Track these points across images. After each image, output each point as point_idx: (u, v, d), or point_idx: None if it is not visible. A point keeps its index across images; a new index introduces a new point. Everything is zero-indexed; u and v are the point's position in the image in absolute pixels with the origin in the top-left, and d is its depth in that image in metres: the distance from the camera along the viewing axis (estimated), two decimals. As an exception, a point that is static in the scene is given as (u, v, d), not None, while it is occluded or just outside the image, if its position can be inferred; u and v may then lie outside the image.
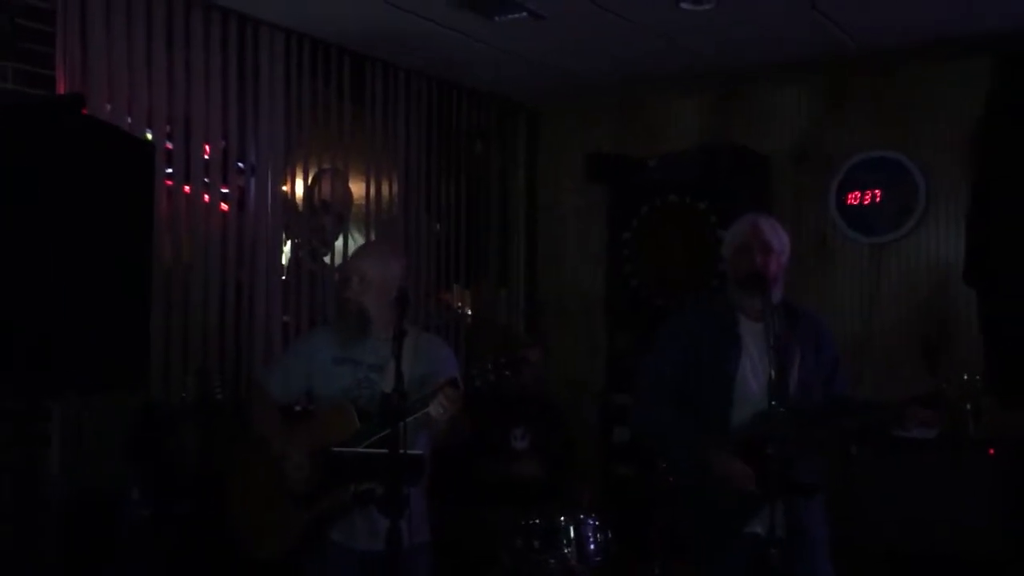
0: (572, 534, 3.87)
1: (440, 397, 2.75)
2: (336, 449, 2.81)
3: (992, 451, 4.19)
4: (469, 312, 5.42)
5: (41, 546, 3.33)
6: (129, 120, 3.73)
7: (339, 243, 4.73)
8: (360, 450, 2.80)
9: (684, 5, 3.93)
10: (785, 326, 2.98)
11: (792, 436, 2.86)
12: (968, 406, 4.31)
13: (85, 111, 2.97)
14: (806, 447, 2.93)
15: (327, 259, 4.68)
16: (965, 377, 4.22)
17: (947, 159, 4.72)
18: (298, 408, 3.22)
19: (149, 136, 3.77)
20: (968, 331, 4.53)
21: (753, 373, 2.98)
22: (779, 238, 3.06)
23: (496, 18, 4.08)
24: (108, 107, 3.65)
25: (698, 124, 5.33)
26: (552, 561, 3.79)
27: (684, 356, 3.06)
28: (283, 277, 4.43)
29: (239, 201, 4.22)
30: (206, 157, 4.05)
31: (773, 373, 2.78)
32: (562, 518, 3.86)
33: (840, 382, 3.12)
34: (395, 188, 4.96)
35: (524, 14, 4.02)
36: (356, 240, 4.79)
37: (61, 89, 3.44)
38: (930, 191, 4.75)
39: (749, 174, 5.04)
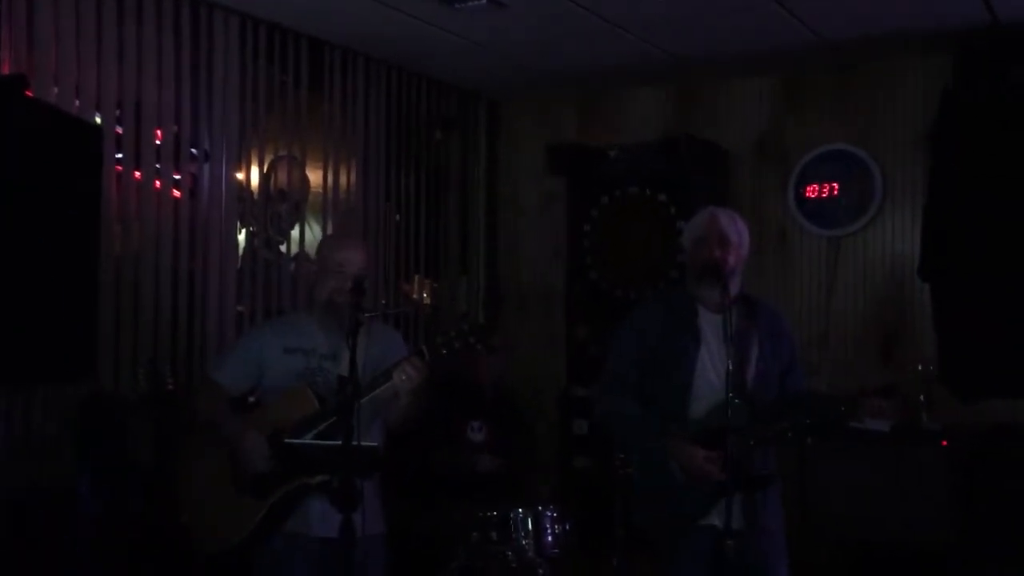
0: (530, 526, 3.85)
1: (405, 365, 2.73)
2: (289, 440, 2.77)
3: (945, 442, 4.25)
4: (430, 303, 5.37)
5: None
6: (77, 103, 3.62)
7: (295, 232, 4.65)
8: (314, 442, 2.76)
9: (645, -5, 3.91)
10: (743, 318, 3.00)
11: (750, 429, 2.88)
12: (922, 397, 4.39)
13: (29, 93, 2.88)
14: (763, 440, 2.93)
15: (283, 248, 4.61)
16: (919, 369, 4.29)
17: (904, 154, 4.76)
18: (251, 399, 3.16)
19: (99, 120, 3.67)
20: (923, 324, 4.58)
21: (712, 365, 2.99)
22: (737, 231, 3.07)
23: (456, 5, 4.03)
24: (55, 90, 3.55)
25: (659, 116, 5.33)
26: (509, 553, 3.77)
27: (644, 348, 3.07)
28: (237, 266, 4.35)
29: (191, 188, 4.13)
30: (157, 142, 3.95)
31: (731, 365, 2.79)
32: (519, 510, 3.84)
33: (797, 374, 3.13)
34: (354, 177, 4.90)
35: (483, 1, 3.98)
36: (313, 229, 4.71)
37: (5, 70, 3.33)
38: (887, 185, 4.79)
39: (709, 167, 5.05)
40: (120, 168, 3.78)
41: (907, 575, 4.15)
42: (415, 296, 5.28)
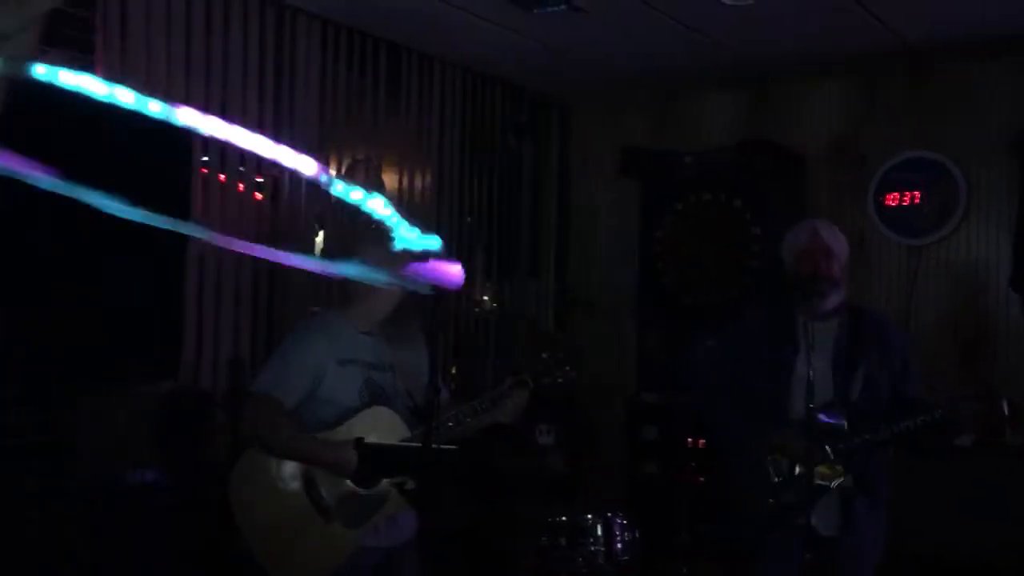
0: (599, 532, 3.84)
1: (513, 396, 2.74)
2: (368, 441, 2.74)
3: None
4: (494, 305, 5.39)
5: (68, 533, 3.35)
6: (167, 108, 3.72)
7: (371, 234, 4.72)
8: (394, 443, 2.75)
9: (726, 0, 3.88)
10: (849, 328, 2.99)
11: (848, 434, 2.86)
12: (1006, 410, 4.26)
13: (125, 99, 2.97)
14: (871, 448, 2.90)
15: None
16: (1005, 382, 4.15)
17: (989, 161, 4.63)
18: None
19: (187, 125, 3.76)
20: (1007, 335, 4.46)
21: (812, 374, 2.95)
22: (839, 241, 3.08)
23: (535, 11, 4.04)
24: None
25: (734, 120, 5.28)
26: (580, 559, 3.77)
27: (743, 358, 3.09)
28: (315, 266, 4.42)
29: (273, 191, 4.22)
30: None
31: (811, 374, 2.78)
32: (589, 516, 3.84)
33: (912, 381, 3.07)
34: (428, 180, 4.95)
35: (563, 7, 3.99)
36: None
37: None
38: (971, 193, 4.67)
39: (785, 172, 4.98)
40: (206, 171, 3.88)
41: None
42: (477, 299, 5.31)
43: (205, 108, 4.05)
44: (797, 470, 2.91)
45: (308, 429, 2.73)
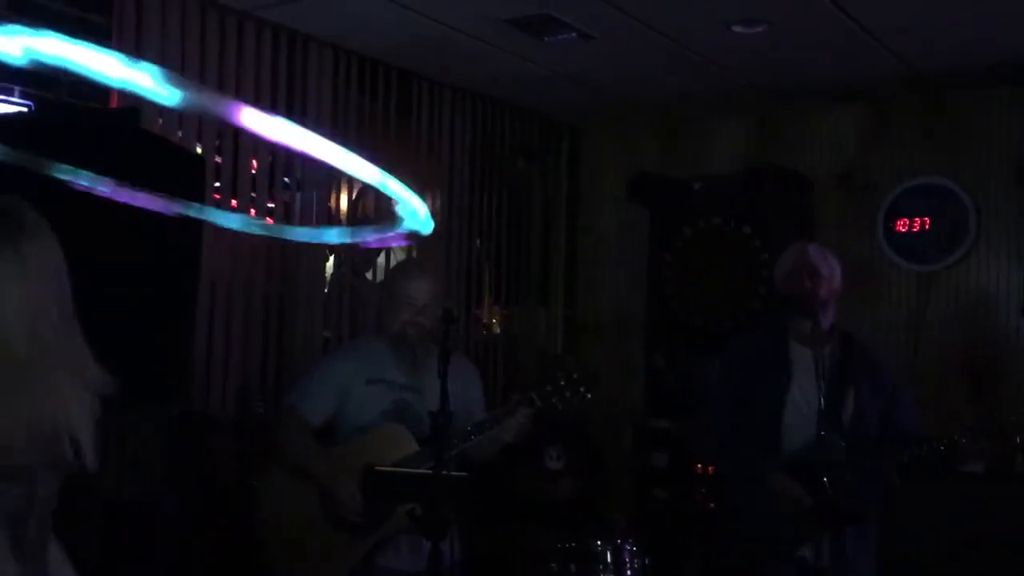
0: (609, 559, 3.82)
1: (516, 414, 2.74)
2: (380, 468, 2.77)
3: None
4: (502, 328, 5.40)
5: (81, 556, 3.33)
6: (180, 134, 3.76)
7: (380, 259, 4.73)
8: (403, 470, 2.77)
9: (736, 28, 3.90)
10: (838, 353, 2.98)
11: (845, 465, 2.85)
12: (1018, 439, 4.24)
13: (139, 124, 3.00)
14: (860, 477, 2.89)
15: (368, 275, 4.69)
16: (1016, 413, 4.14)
17: (998, 187, 4.64)
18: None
19: (199, 150, 3.80)
20: (1017, 362, 4.44)
21: (804, 400, 2.96)
22: (828, 264, 3.08)
23: (546, 38, 4.07)
24: (160, 120, 3.68)
25: (742, 146, 5.29)
26: (590, 586, 3.74)
27: (738, 381, 3.08)
28: (325, 290, 4.44)
29: (284, 216, 4.24)
30: (253, 172, 4.07)
31: (823, 401, 2.77)
32: (599, 542, 3.82)
33: (903, 415, 3.07)
34: (438, 204, 4.97)
35: (574, 35, 4.01)
36: (397, 256, 4.79)
37: (115, 103, 3.47)
38: (981, 220, 4.67)
39: (794, 198, 4.99)
40: (218, 196, 3.91)
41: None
42: (484, 321, 5.31)
43: (218, 134, 4.08)
44: (794, 503, 2.88)
45: (338, 443, 2.87)
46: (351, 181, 4.59)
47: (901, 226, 4.82)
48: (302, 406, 2.88)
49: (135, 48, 3.60)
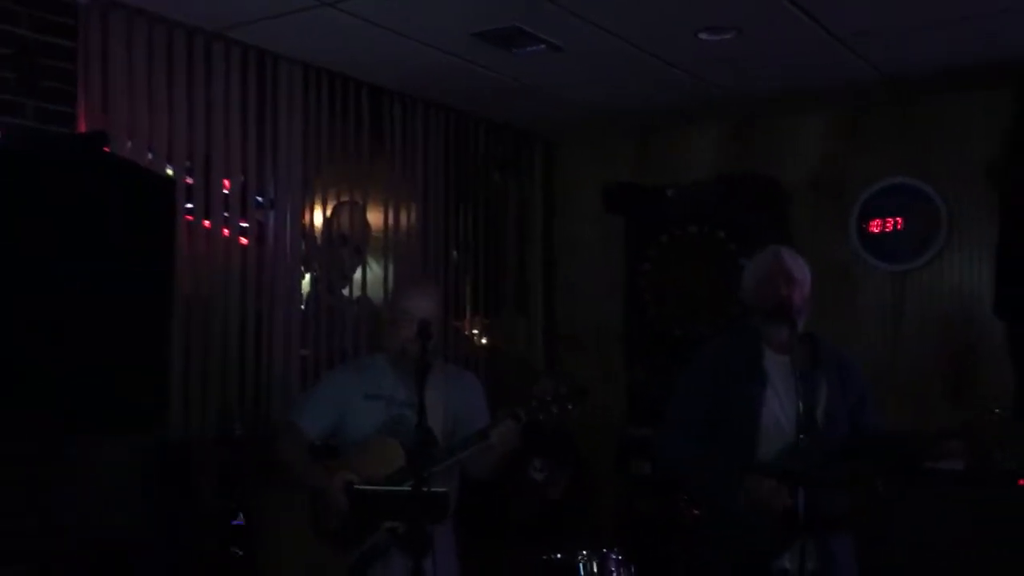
0: (595, 569, 3.81)
1: (501, 428, 2.77)
2: (358, 487, 2.78)
3: (1021, 482, 4.12)
4: (484, 341, 5.39)
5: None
6: (150, 156, 3.74)
7: (357, 275, 4.72)
8: (382, 488, 2.77)
9: (703, 35, 3.92)
10: (809, 357, 2.96)
11: (821, 471, 2.83)
12: (996, 437, 4.27)
13: (107, 148, 2.98)
14: (835, 482, 2.88)
15: (345, 292, 4.68)
16: (995, 410, 4.17)
17: (969, 186, 4.68)
18: (317, 443, 3.18)
19: (170, 172, 3.78)
20: (993, 360, 4.47)
21: (780, 407, 2.94)
22: (801, 269, 3.06)
23: (515, 51, 4.08)
24: (129, 144, 3.66)
25: (716, 154, 5.32)
26: (575, 598, 3.72)
27: (710, 390, 3.03)
28: (302, 308, 4.42)
29: (258, 235, 4.22)
30: (225, 192, 4.05)
31: (801, 406, 2.76)
32: (584, 552, 3.81)
33: (871, 415, 3.07)
34: (413, 218, 4.96)
35: (542, 47, 4.03)
36: (374, 271, 4.78)
37: (83, 127, 3.45)
38: (952, 218, 4.71)
39: (768, 204, 5.02)
40: (190, 217, 3.88)
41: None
42: (467, 333, 5.30)
43: (189, 156, 4.07)
44: (770, 513, 2.86)
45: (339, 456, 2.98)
46: (325, 199, 4.58)
47: (875, 227, 4.85)
48: (301, 419, 3.02)
49: (100, 73, 3.58)
